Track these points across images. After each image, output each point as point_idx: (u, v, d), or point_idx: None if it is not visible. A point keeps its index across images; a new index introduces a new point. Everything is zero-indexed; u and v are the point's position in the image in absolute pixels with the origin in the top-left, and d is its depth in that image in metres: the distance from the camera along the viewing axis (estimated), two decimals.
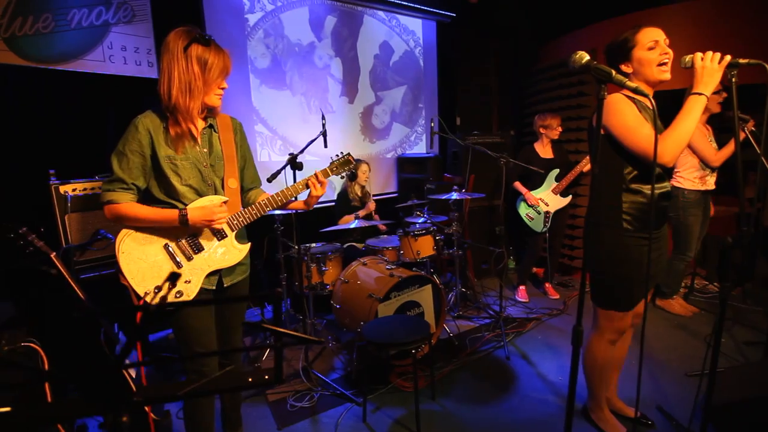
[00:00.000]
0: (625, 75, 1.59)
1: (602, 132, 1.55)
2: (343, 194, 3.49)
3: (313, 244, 3.05)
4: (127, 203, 1.43)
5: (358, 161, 3.54)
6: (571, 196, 3.46)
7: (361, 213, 3.33)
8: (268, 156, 3.60)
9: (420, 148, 4.69)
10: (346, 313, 2.69)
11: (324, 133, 2.56)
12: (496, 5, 4.69)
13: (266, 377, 0.65)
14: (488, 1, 4.59)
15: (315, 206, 1.79)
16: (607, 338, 1.75)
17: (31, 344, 1.43)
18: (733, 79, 1.42)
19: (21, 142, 2.56)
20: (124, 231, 1.46)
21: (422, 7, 4.32)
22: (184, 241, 1.49)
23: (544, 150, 3.45)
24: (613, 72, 1.09)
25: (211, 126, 1.57)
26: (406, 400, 2.26)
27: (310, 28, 3.71)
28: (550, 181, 3.43)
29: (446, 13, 4.52)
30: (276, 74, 3.57)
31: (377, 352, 1.98)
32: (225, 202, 1.52)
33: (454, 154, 4.21)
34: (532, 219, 3.44)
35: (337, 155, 1.79)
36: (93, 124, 2.84)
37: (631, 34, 1.59)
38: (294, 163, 2.15)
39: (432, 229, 3.00)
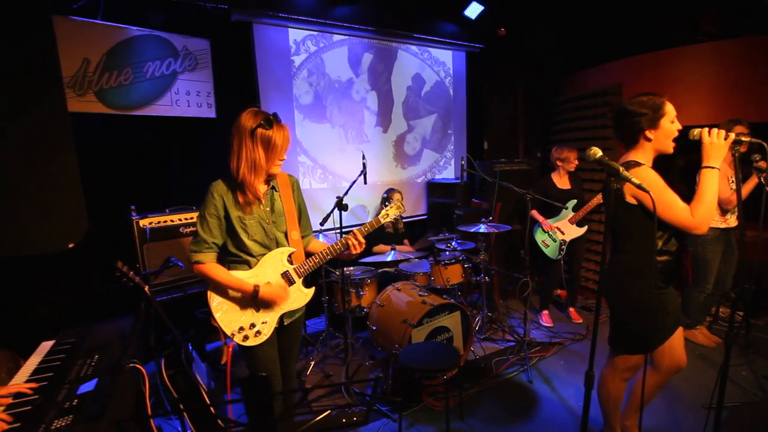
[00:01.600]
0: (648, 140, 1.70)
1: (631, 202, 1.68)
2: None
3: (351, 268, 3.33)
4: (210, 263, 1.71)
5: (392, 190, 3.81)
6: (587, 226, 3.61)
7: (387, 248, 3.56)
8: (309, 184, 3.92)
9: (449, 172, 4.92)
10: (381, 334, 2.95)
11: (364, 172, 2.85)
12: (523, 36, 4.89)
13: (355, 419, 0.91)
14: (516, 32, 4.80)
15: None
16: (621, 377, 1.92)
17: (136, 365, 1.75)
18: (736, 154, 1.62)
19: (105, 179, 2.95)
20: (211, 287, 1.76)
21: (453, 41, 4.58)
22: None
23: (561, 180, 3.62)
24: (621, 169, 1.30)
25: (273, 188, 1.85)
26: (437, 419, 2.49)
27: (349, 66, 4.03)
28: (567, 211, 3.59)
29: (475, 44, 4.75)
30: (317, 109, 3.89)
31: (413, 375, 2.23)
32: (292, 253, 1.81)
33: (482, 180, 4.43)
34: (548, 246, 3.61)
35: (388, 203, 2.00)
36: (161, 161, 3.23)
37: (661, 102, 1.67)
38: (341, 205, 2.43)
39: (461, 257, 3.23)
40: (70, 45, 2.67)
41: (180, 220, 2.81)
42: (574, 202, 3.52)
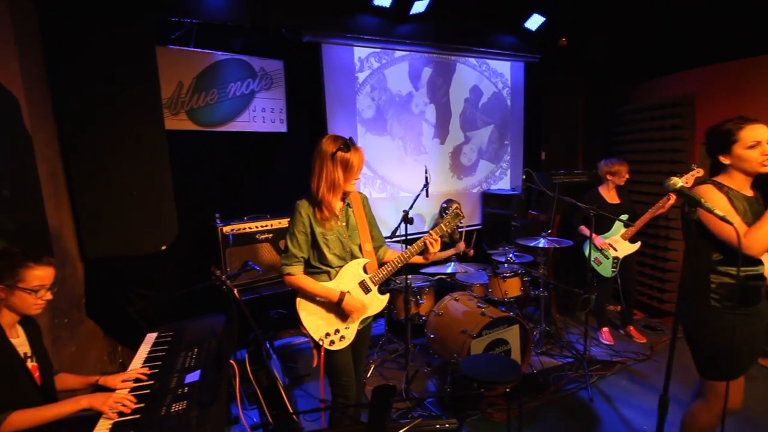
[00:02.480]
0: (723, 165, 1.73)
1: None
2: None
3: (410, 277, 3.45)
4: (300, 275, 1.92)
5: (450, 201, 3.89)
6: (639, 243, 3.48)
7: (451, 251, 3.65)
8: (369, 193, 4.09)
9: (504, 182, 4.92)
10: (438, 343, 3.04)
11: (427, 186, 2.96)
12: (585, 45, 4.79)
13: (447, 425, 1.02)
14: (577, 41, 4.72)
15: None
16: (716, 412, 1.79)
17: (231, 361, 1.97)
18: None
19: (189, 189, 3.28)
20: (300, 296, 1.95)
21: (512, 52, 4.59)
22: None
23: (609, 195, 3.52)
24: (702, 200, 1.31)
25: (348, 204, 2.02)
26: (495, 429, 2.54)
27: (409, 80, 4.17)
28: (619, 226, 3.47)
29: (534, 55, 4.73)
30: (379, 122, 4.07)
31: (476, 386, 2.30)
32: (366, 264, 1.97)
33: (540, 192, 4.39)
34: (600, 264, 3.51)
35: (448, 211, 2.11)
36: (238, 172, 3.53)
37: (735, 127, 1.67)
38: (406, 219, 2.56)
39: (520, 271, 3.25)
40: (167, 70, 3.01)
41: (257, 227, 3.07)
42: (626, 216, 3.41)
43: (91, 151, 2.58)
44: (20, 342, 1.49)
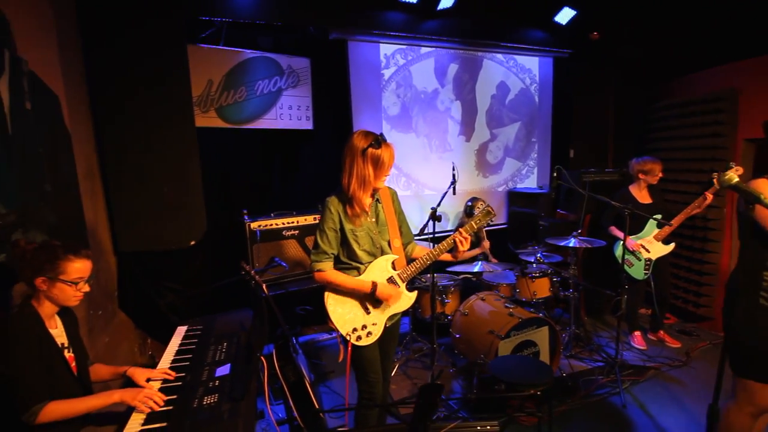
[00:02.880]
0: None
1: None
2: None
3: (436, 275, 3.41)
4: (330, 271, 1.90)
5: (476, 199, 3.82)
6: (674, 244, 3.32)
7: (477, 251, 3.60)
8: None
9: (531, 181, 4.81)
10: (464, 343, 2.99)
11: (454, 184, 2.92)
12: (618, 40, 4.63)
13: (488, 427, 0.99)
14: (609, 35, 4.56)
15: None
16: (747, 411, 1.76)
17: (260, 356, 1.99)
18: None
19: (216, 185, 3.33)
20: (328, 291, 1.94)
21: (541, 47, 4.48)
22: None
23: (641, 194, 3.38)
24: (762, 195, 1.23)
25: (377, 200, 1.99)
26: None
27: (434, 77, 4.12)
28: (652, 227, 3.33)
29: (564, 50, 4.60)
30: (404, 120, 4.03)
31: (505, 388, 2.25)
32: (395, 260, 1.95)
33: (568, 191, 4.27)
34: (632, 265, 3.37)
35: (479, 207, 2.09)
36: (265, 169, 3.56)
37: None
38: (434, 217, 2.53)
39: (549, 271, 3.17)
40: (197, 68, 3.05)
41: (283, 224, 3.09)
42: (659, 217, 3.26)
43: (125, 148, 2.64)
44: (58, 332, 1.53)
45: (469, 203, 3.80)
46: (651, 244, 3.33)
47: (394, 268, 1.96)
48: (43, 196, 2.00)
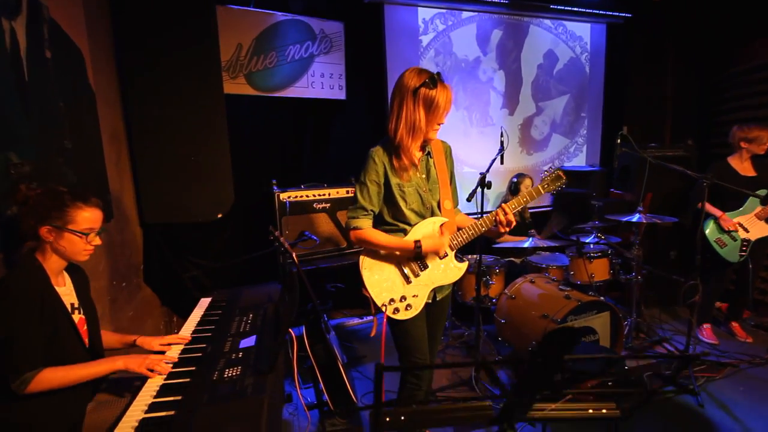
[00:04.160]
0: None
1: None
2: None
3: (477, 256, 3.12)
4: (368, 229, 1.65)
5: (522, 175, 3.50)
6: None
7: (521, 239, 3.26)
8: None
9: (579, 160, 4.42)
10: (510, 328, 2.70)
11: (502, 151, 2.62)
12: (682, 2, 4.15)
13: (604, 411, 0.73)
14: None
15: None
16: None
17: (288, 329, 1.78)
18: None
19: (246, 156, 3.16)
20: (364, 253, 1.70)
21: (594, 11, 4.06)
22: (413, 260, 1.68)
23: (743, 166, 2.95)
24: None
25: (428, 154, 1.74)
26: (583, 429, 2.17)
27: (476, 44, 3.80)
28: (753, 204, 2.91)
29: (621, 14, 4.17)
30: None
31: (571, 377, 1.95)
32: (444, 224, 1.68)
33: (624, 168, 3.86)
34: (725, 246, 2.96)
35: (547, 170, 1.80)
36: (295, 140, 3.37)
37: None
38: (483, 183, 2.25)
39: (609, 251, 2.82)
40: (227, 31, 2.87)
41: (314, 195, 2.89)
42: (764, 192, 2.84)
43: (151, 113, 2.50)
44: (66, 291, 1.37)
45: (515, 179, 3.48)
46: (751, 223, 2.93)
47: (442, 234, 1.70)
48: (62, 152, 1.87)
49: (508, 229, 1.69)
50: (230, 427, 1.06)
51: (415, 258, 1.65)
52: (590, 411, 0.73)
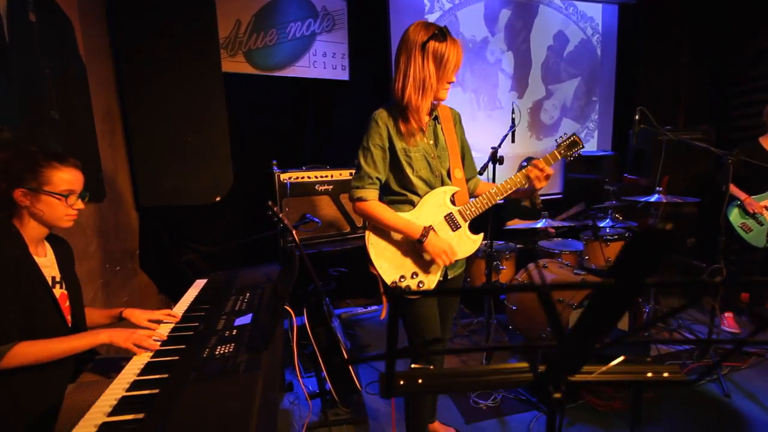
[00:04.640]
0: None
1: None
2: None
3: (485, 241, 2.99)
4: (374, 202, 1.52)
5: (532, 159, 3.36)
6: None
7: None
8: None
9: (590, 146, 4.26)
10: (522, 315, 2.58)
11: (513, 128, 2.49)
12: None
13: (666, 374, 0.60)
14: None
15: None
16: None
17: (286, 306, 1.66)
18: None
19: (245, 137, 3.05)
20: (370, 228, 1.57)
21: None
22: None
23: None
24: None
25: (435, 118, 1.61)
26: (601, 420, 2.05)
27: (484, 23, 3.66)
28: None
29: None
30: None
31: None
32: (455, 193, 1.56)
33: (639, 152, 3.71)
34: (750, 231, 2.81)
35: (562, 136, 1.68)
36: (296, 121, 3.25)
37: None
38: (495, 158, 2.12)
39: (627, 234, 2.68)
40: (225, 7, 2.75)
41: (316, 177, 2.77)
42: None
43: (147, 91, 2.40)
44: (47, 262, 1.25)
45: (524, 164, 3.34)
46: None
47: (453, 204, 1.58)
48: (48, 122, 1.76)
49: (545, 183, 1.57)
50: (219, 406, 0.94)
51: (417, 242, 1.50)
52: (649, 374, 0.60)
